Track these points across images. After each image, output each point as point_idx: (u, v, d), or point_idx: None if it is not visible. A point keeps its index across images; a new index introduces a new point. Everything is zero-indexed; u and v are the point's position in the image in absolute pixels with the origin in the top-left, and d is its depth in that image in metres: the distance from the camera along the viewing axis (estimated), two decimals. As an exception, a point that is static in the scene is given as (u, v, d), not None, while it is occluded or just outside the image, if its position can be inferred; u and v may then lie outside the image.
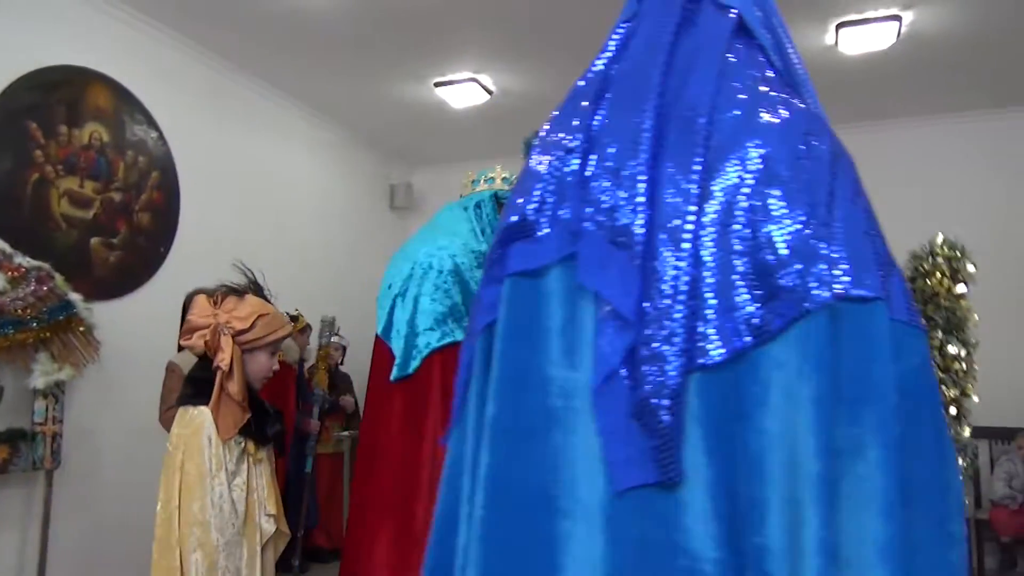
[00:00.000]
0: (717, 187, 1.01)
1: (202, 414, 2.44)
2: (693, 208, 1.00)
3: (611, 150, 1.08)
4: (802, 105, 1.11)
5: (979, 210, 5.82)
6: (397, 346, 2.08)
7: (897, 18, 4.51)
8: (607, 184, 1.06)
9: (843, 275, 0.95)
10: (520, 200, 1.14)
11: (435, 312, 2.05)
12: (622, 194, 1.04)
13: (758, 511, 0.92)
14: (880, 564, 0.89)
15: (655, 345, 0.96)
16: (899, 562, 0.89)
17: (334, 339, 5.81)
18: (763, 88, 1.10)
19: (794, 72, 1.20)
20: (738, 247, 0.98)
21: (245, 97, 5.51)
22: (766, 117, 1.05)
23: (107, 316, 4.15)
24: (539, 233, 1.11)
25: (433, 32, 4.80)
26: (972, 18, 4.52)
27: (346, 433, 5.75)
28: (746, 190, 1.00)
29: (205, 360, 2.51)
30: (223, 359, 2.45)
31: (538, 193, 1.13)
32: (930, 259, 4.35)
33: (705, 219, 1.00)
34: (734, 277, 0.97)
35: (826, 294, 0.94)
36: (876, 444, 0.92)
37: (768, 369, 0.94)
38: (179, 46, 4.91)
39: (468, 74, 5.39)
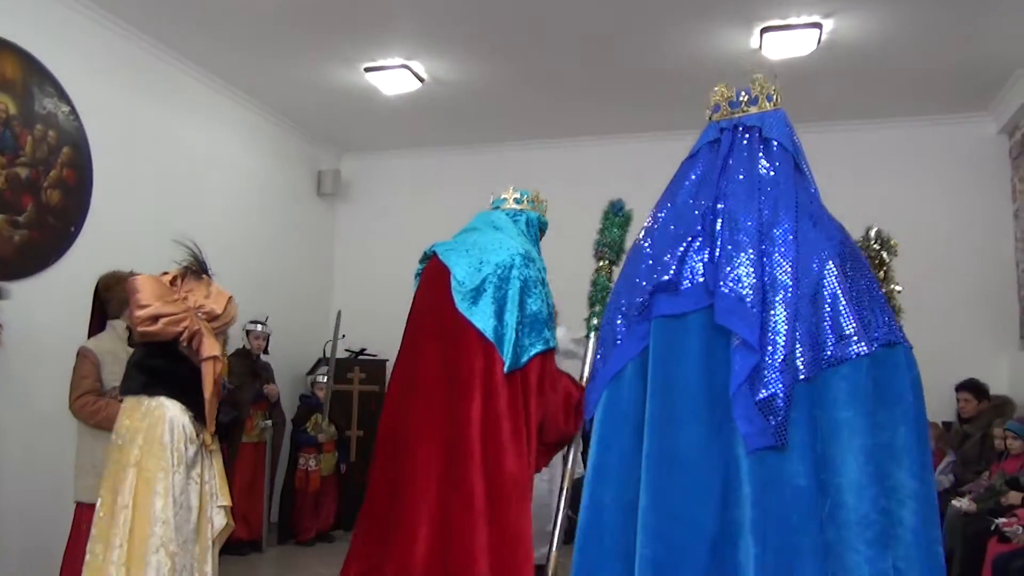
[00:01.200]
0: (805, 273, 1.69)
1: (162, 405, 2.30)
2: (791, 283, 1.67)
3: (734, 242, 1.72)
4: (831, 216, 1.84)
5: (891, 214, 6.10)
6: (506, 342, 2.28)
7: (818, 26, 4.67)
8: (732, 263, 1.70)
9: (886, 329, 1.71)
10: (660, 264, 1.79)
11: (537, 316, 2.34)
12: (743, 271, 1.69)
13: (830, 462, 1.66)
14: (911, 480, 1.66)
15: (772, 366, 1.64)
16: (922, 481, 1.68)
17: (259, 328, 5.67)
18: (816, 207, 1.80)
19: (816, 189, 1.90)
20: (821, 309, 1.68)
21: (166, 74, 5.30)
22: (825, 228, 1.77)
23: (11, 298, 3.93)
24: (681, 289, 1.76)
25: (365, 14, 4.72)
26: (888, 30, 4.73)
27: (268, 422, 5.63)
28: (826, 276, 1.70)
29: (158, 347, 2.35)
30: (213, 348, 2.35)
31: (675, 264, 1.78)
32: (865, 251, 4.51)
33: (800, 291, 1.67)
34: (819, 326, 1.67)
35: (874, 345, 1.68)
36: (904, 423, 1.68)
37: (837, 382, 1.67)
38: (96, 18, 4.68)
39: (400, 60, 5.32)
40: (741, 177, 1.79)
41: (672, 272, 1.77)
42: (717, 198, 1.79)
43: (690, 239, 1.78)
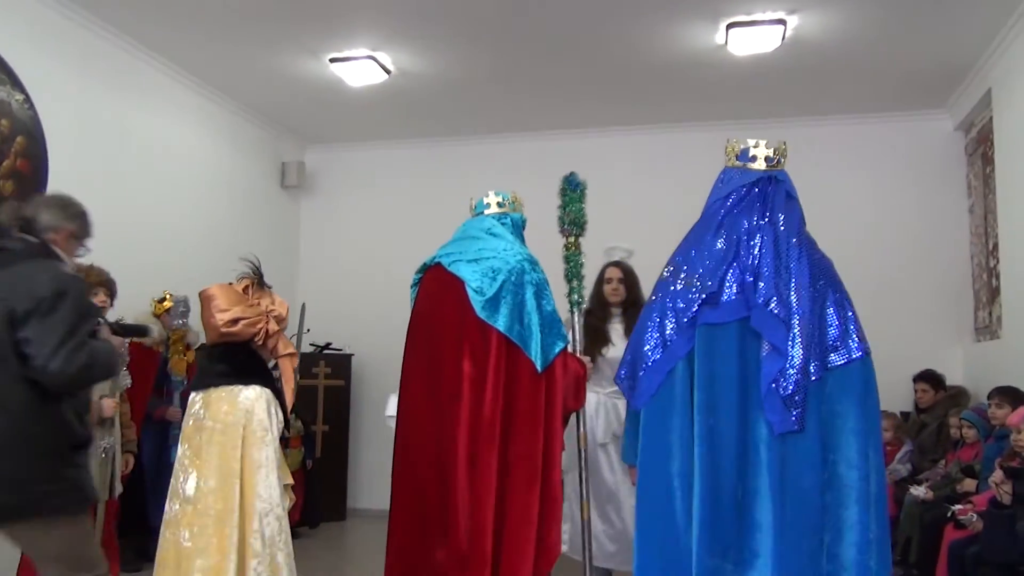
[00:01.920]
0: (812, 298, 2.24)
1: (260, 392, 2.66)
2: (806, 305, 2.22)
3: (765, 270, 2.25)
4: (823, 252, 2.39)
5: (850, 209, 6.22)
6: (534, 343, 2.62)
7: (782, 22, 4.72)
8: (764, 286, 2.23)
9: (864, 343, 2.27)
10: (705, 282, 2.28)
11: (553, 315, 2.70)
12: (772, 294, 2.22)
13: (830, 443, 2.22)
14: (874, 454, 2.24)
15: (793, 369, 2.17)
16: (877, 453, 2.26)
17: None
18: (816, 248, 2.36)
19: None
20: (825, 326, 2.25)
21: (125, 63, 5.16)
22: (823, 263, 2.33)
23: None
24: (721, 303, 2.26)
25: (330, 3, 4.65)
26: (850, 27, 4.80)
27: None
28: (827, 301, 2.27)
29: (236, 346, 2.72)
30: (289, 346, 2.77)
31: (717, 283, 2.27)
32: None
33: (810, 312, 2.22)
34: (823, 340, 2.24)
35: (860, 353, 2.25)
36: (873, 413, 2.28)
37: (834, 382, 2.24)
38: (52, 4, 4.54)
39: (366, 51, 5.26)
40: (776, 220, 2.34)
41: (715, 289, 2.27)
42: (751, 233, 2.31)
43: (730, 261, 2.29)
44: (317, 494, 6.12)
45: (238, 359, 2.74)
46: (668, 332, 2.31)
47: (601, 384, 3.76)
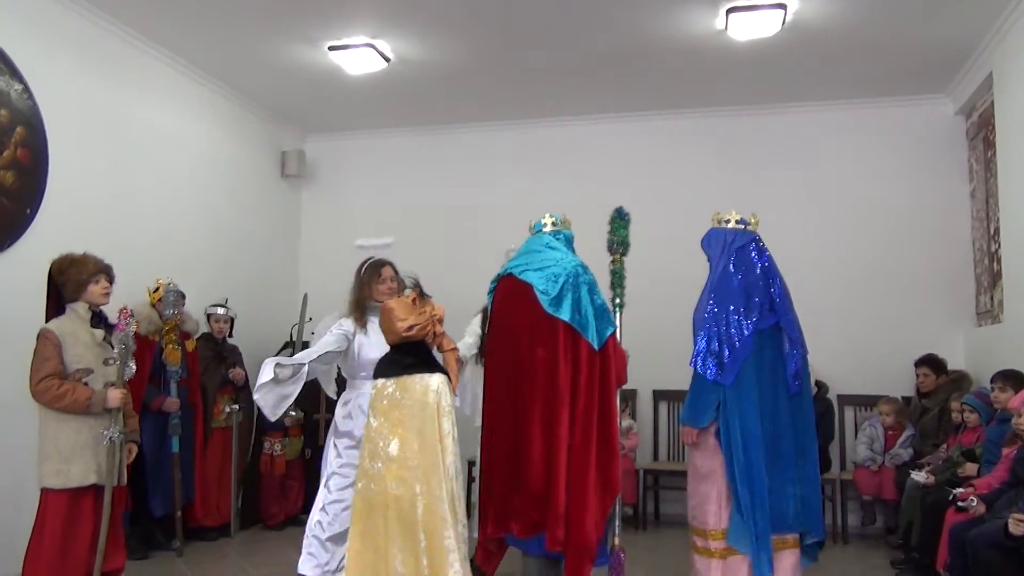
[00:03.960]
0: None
1: (443, 379, 3.37)
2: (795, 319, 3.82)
3: (776, 297, 3.71)
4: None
5: (852, 193, 6.21)
6: (591, 329, 3.34)
7: (782, 6, 4.70)
8: (782, 306, 3.71)
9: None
10: (750, 306, 3.66)
11: (603, 307, 3.44)
12: (787, 310, 3.73)
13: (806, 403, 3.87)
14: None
15: (799, 356, 3.72)
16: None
17: (221, 311, 5.58)
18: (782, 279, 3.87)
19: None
20: (795, 331, 3.80)
21: (124, 53, 5.15)
22: (788, 293, 3.83)
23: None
24: (761, 316, 3.66)
25: (328, -7, 4.63)
26: (850, 10, 4.78)
27: (236, 407, 5.54)
28: (795, 315, 3.82)
29: (413, 344, 3.39)
30: (451, 344, 3.55)
31: (759, 305, 3.66)
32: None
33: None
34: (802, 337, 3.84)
35: (806, 351, 3.84)
36: (807, 382, 3.88)
37: (803, 365, 3.80)
38: (47, -8, 4.53)
39: (365, 39, 5.24)
40: (775, 265, 3.76)
41: (758, 308, 3.63)
42: (769, 275, 3.72)
43: (761, 292, 3.66)
44: (317, 482, 6.12)
45: (421, 353, 3.42)
46: (744, 334, 3.59)
47: None
